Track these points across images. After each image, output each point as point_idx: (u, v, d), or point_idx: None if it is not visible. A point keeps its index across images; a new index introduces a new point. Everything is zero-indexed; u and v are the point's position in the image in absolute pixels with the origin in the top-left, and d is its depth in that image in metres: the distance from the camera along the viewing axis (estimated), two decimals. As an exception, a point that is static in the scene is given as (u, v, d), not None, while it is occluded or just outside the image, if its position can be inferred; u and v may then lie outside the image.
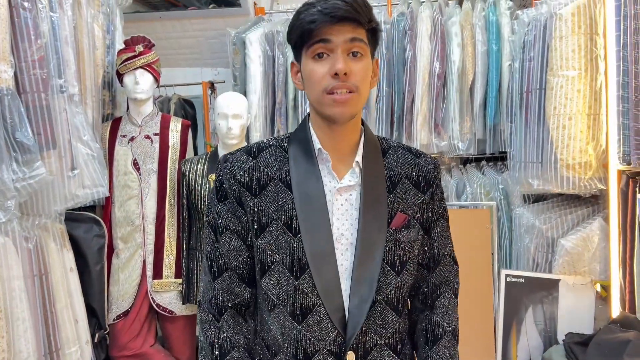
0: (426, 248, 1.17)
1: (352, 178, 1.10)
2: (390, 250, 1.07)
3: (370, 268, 1.05)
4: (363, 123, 1.17)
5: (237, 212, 1.11)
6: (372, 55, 1.10)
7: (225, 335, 1.13)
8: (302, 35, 1.04)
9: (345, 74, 1.01)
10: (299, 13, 1.06)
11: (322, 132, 1.10)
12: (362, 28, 1.04)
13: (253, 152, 1.13)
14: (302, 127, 1.14)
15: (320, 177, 1.08)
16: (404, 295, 1.12)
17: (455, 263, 1.23)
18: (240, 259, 1.13)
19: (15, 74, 1.95)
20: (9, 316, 1.90)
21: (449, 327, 1.17)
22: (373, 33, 1.08)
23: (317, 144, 1.10)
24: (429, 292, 1.20)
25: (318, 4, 1.02)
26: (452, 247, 1.22)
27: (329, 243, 1.05)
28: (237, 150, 1.16)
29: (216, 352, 1.12)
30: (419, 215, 1.13)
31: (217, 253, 1.14)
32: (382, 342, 1.08)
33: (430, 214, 1.15)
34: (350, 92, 1.02)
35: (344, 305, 1.04)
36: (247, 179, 1.10)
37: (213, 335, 1.13)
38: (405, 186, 1.12)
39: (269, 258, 1.08)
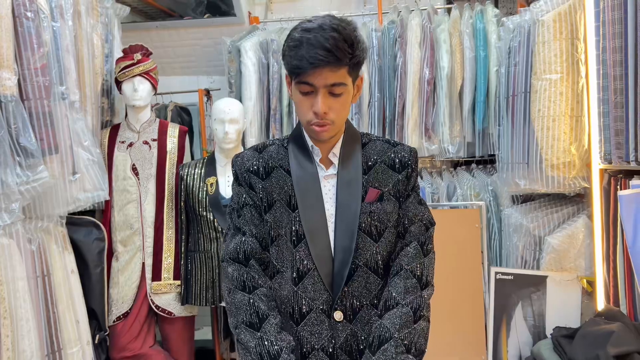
0: (399, 217, 1.30)
1: (335, 168, 1.30)
2: (365, 221, 1.24)
3: (348, 237, 1.22)
4: (346, 123, 1.34)
5: (250, 194, 1.31)
6: (356, 78, 1.25)
7: (254, 274, 1.26)
8: (291, 72, 1.21)
9: (325, 113, 1.19)
10: (289, 47, 1.19)
11: (311, 137, 1.30)
12: (344, 68, 1.18)
13: (259, 148, 1.35)
14: (297, 128, 1.34)
15: (315, 165, 1.29)
16: (385, 260, 1.26)
17: (426, 225, 1.32)
18: (259, 228, 1.29)
19: (18, 81, 2.02)
20: (13, 316, 1.96)
21: (408, 265, 1.25)
22: (356, 63, 1.21)
23: (309, 141, 1.30)
24: (400, 250, 1.30)
25: (305, 47, 1.15)
26: (427, 213, 1.33)
27: (322, 217, 1.24)
28: (246, 149, 1.36)
29: (248, 285, 1.24)
30: (394, 190, 1.29)
31: (242, 219, 1.30)
32: (367, 302, 1.23)
33: (404, 191, 1.30)
34: (326, 125, 1.22)
35: (334, 272, 1.21)
36: (255, 167, 1.30)
37: (243, 274, 1.25)
38: (380, 168, 1.29)
39: (273, 232, 1.27)
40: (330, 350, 1.20)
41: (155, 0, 3.66)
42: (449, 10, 3.30)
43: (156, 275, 2.61)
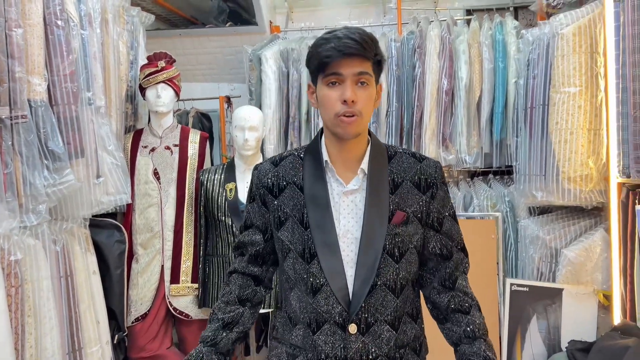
0: (441, 242, 1.36)
1: (356, 183, 1.31)
2: (390, 242, 1.27)
3: (372, 257, 1.26)
4: (371, 134, 1.36)
5: (262, 210, 1.38)
6: (377, 81, 1.31)
7: (231, 287, 1.43)
8: (319, 66, 1.25)
9: (352, 101, 1.23)
10: (316, 46, 1.26)
11: (332, 145, 1.32)
12: (369, 61, 1.25)
13: (276, 161, 1.38)
14: (315, 141, 1.36)
15: (325, 183, 1.30)
16: (402, 280, 1.30)
17: (464, 252, 1.41)
18: (257, 248, 1.42)
19: (48, 87, 2.09)
20: (37, 314, 2.02)
21: (473, 301, 1.37)
22: (378, 64, 1.29)
23: (325, 156, 1.32)
24: (447, 276, 1.37)
25: (333, 40, 1.23)
26: (461, 237, 1.40)
27: (333, 235, 1.27)
28: (265, 160, 1.41)
29: (222, 295, 1.44)
30: (419, 213, 1.31)
31: (241, 241, 1.45)
32: (382, 318, 1.28)
33: (432, 213, 1.33)
34: (354, 116, 1.24)
35: (348, 286, 1.26)
36: (270, 183, 1.35)
37: (225, 287, 1.46)
38: (407, 187, 1.31)
39: (286, 247, 1.32)
40: (342, 359, 1.26)
41: (179, 9, 3.75)
42: (468, 22, 3.31)
43: (175, 278, 2.66)
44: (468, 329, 1.32)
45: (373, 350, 1.26)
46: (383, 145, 1.36)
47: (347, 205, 1.29)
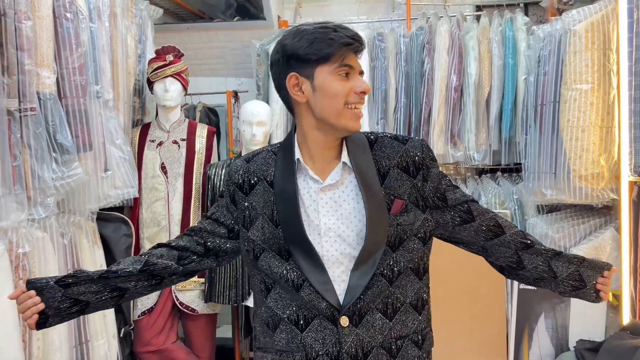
0: (457, 212, 1.30)
1: (335, 177, 1.25)
2: (392, 234, 1.22)
3: (376, 252, 1.20)
4: None
5: (230, 208, 1.33)
6: None
7: (155, 250, 1.36)
8: (328, 55, 1.18)
9: (363, 92, 1.21)
10: (318, 32, 1.18)
11: (314, 142, 1.25)
12: None
13: (249, 157, 1.33)
14: (288, 138, 1.31)
15: (295, 179, 1.25)
16: (400, 268, 1.23)
17: (475, 200, 1.36)
18: (212, 239, 1.34)
19: (57, 79, 2.09)
20: (44, 307, 2.02)
21: (518, 227, 1.37)
22: None
23: (297, 154, 1.26)
24: (490, 226, 1.32)
25: (340, 30, 1.19)
26: (467, 195, 1.35)
27: (302, 232, 1.21)
28: (240, 158, 1.37)
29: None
30: (413, 198, 1.25)
31: (200, 227, 1.36)
32: (374, 306, 1.21)
33: (428, 195, 1.27)
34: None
35: (331, 281, 1.20)
36: (241, 180, 1.30)
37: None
38: (394, 175, 1.25)
39: (258, 247, 1.26)
40: (336, 354, 1.19)
41: (187, 3, 3.73)
42: (478, 18, 3.29)
43: (181, 273, 2.65)
44: (549, 252, 1.32)
45: (367, 341, 1.19)
46: (360, 133, 1.28)
47: (327, 203, 1.23)
